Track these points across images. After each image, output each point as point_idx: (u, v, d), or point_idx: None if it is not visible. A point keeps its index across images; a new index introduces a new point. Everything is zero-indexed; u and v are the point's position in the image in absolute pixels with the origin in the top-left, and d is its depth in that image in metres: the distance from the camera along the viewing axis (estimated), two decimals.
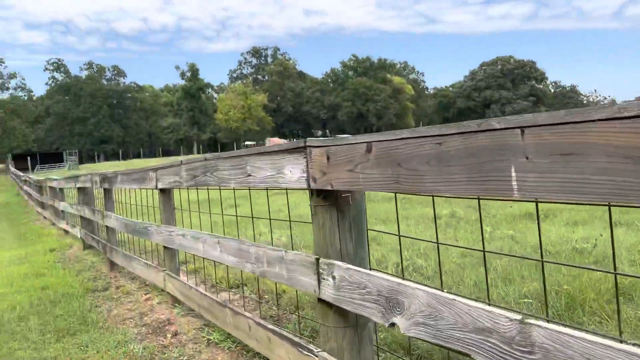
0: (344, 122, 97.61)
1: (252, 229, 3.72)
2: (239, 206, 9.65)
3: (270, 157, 2.34)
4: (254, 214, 2.91)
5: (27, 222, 13.76)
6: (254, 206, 8.33)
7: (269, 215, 2.84)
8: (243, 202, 9.50)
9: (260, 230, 7.60)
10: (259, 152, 2.44)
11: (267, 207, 2.77)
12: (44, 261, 7.52)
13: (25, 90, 77.08)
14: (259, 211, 9.67)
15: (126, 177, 5.09)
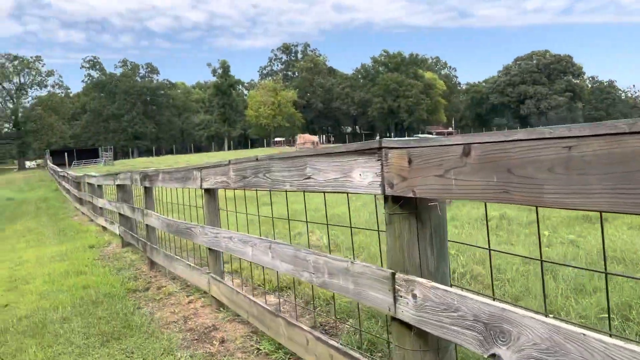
0: (374, 118, 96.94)
1: (289, 228, 3.53)
2: (273, 204, 9.51)
3: (335, 158, 2.14)
4: (282, 213, 2.72)
5: (66, 218, 13.95)
6: (283, 206, 8.16)
7: (326, 220, 2.64)
8: (275, 199, 9.33)
9: (299, 230, 7.43)
10: (322, 152, 2.24)
11: (304, 207, 2.58)
12: (84, 258, 7.52)
13: (63, 88, 79.06)
14: (294, 210, 9.53)
15: (168, 175, 4.97)
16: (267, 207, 7.96)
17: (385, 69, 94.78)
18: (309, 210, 8.29)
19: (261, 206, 6.41)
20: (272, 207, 3.71)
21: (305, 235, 6.92)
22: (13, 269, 7.38)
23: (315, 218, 8.28)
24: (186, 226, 4.47)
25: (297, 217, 9.05)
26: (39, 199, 21.47)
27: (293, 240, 6.77)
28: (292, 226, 7.54)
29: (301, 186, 2.45)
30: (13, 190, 29.61)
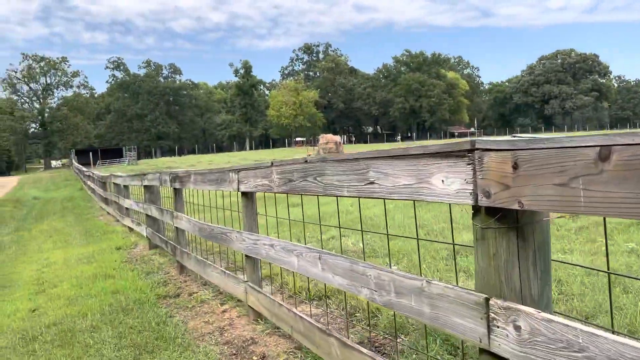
0: (395, 118, 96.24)
1: (320, 231, 3.26)
2: (298, 205, 9.27)
3: (409, 161, 1.86)
4: (309, 214, 2.45)
5: (92, 218, 13.93)
6: (312, 206, 7.88)
7: (361, 224, 2.37)
8: (303, 200, 9.10)
9: (331, 234, 7.16)
10: (391, 154, 1.97)
11: (337, 209, 2.31)
12: (112, 261, 7.37)
13: (88, 88, 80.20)
14: (323, 212, 9.28)
15: (201, 177, 4.75)
16: (293, 209, 7.70)
17: (407, 68, 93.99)
18: (335, 213, 8.04)
19: (285, 208, 6.15)
20: (302, 209, 3.47)
21: (337, 239, 6.65)
22: (41, 271, 7.27)
23: (347, 222, 8.01)
24: (221, 231, 4.24)
25: (327, 220, 8.80)
26: (64, 199, 21.62)
27: (326, 245, 6.51)
28: (322, 230, 7.28)
29: (362, 192, 2.18)
30: (39, 189, 29.97)
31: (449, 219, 6.49)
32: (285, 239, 6.29)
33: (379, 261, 5.25)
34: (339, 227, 2.81)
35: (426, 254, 5.03)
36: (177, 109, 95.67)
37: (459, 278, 4.29)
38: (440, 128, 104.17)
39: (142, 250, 8.26)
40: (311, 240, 6.54)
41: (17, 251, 9.70)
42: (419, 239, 2.11)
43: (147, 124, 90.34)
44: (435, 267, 4.58)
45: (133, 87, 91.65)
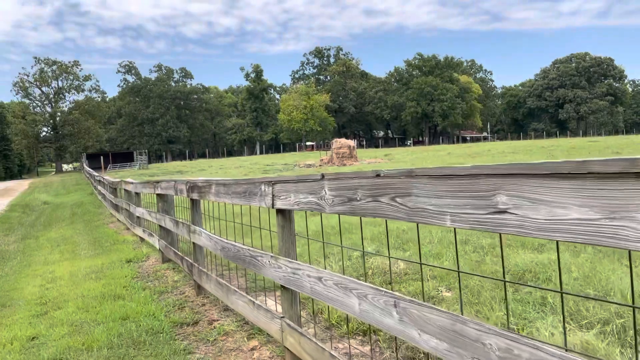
0: (407, 122, 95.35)
1: (342, 253, 2.58)
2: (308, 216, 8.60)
3: (587, 183, 1.18)
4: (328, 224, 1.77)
5: (102, 225, 13.34)
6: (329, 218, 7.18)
7: (419, 253, 1.68)
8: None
9: (350, 254, 6.47)
10: (547, 171, 1.28)
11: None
12: (121, 276, 6.73)
13: (99, 92, 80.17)
14: (348, 222, 8.61)
15: (224, 188, 4.09)
16: (311, 217, 7.05)
17: (420, 72, 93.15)
18: (365, 222, 7.22)
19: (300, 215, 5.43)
20: (340, 220, 2.78)
21: (372, 259, 5.98)
22: (45, 287, 6.64)
23: (377, 234, 7.32)
24: (250, 254, 3.57)
25: (352, 231, 8.12)
26: (74, 204, 21.11)
27: (356, 263, 5.82)
28: (345, 249, 6.58)
29: (483, 224, 1.50)
30: (50, 193, 29.55)
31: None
32: (304, 254, 5.60)
33: (427, 286, 4.55)
34: (388, 256, 2.13)
35: (485, 282, 4.33)
36: (187, 113, 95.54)
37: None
38: (453, 132, 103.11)
39: (155, 264, 7.62)
40: (330, 257, 5.88)
41: (21, 262, 9.10)
42: (459, 272, 1.42)
43: (158, 128, 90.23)
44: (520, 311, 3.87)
45: (144, 91, 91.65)
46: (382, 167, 23.44)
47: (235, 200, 3.84)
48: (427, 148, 56.64)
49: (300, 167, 34.34)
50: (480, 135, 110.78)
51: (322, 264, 5.69)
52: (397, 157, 36.36)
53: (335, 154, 34.57)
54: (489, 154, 29.67)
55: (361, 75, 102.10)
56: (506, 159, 23.01)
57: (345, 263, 5.84)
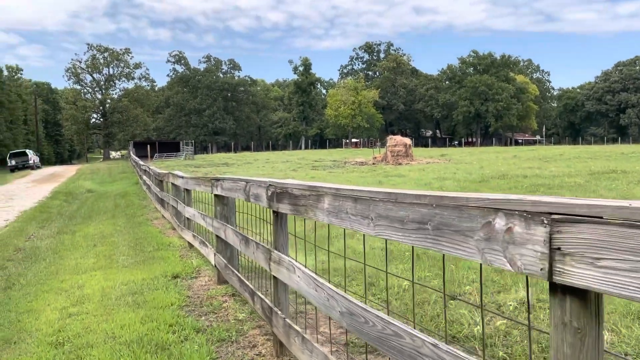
0: (458, 122, 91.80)
1: None
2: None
3: None
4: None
5: (145, 222, 11.86)
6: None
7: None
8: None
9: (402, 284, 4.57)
10: None
11: None
12: (166, 304, 5.05)
13: (149, 80, 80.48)
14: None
15: (356, 206, 2.26)
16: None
17: (474, 70, 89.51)
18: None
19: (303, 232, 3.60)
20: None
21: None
22: (67, 313, 5.03)
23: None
24: (411, 335, 1.72)
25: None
26: (118, 194, 19.94)
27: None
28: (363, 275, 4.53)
29: None
30: (95, 181, 28.78)
31: None
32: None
33: None
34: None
35: None
36: (234, 105, 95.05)
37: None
38: (505, 134, 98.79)
39: (208, 285, 5.93)
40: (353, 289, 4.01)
41: (49, 266, 7.62)
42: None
43: (205, 119, 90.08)
44: None
45: (192, 81, 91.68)
46: (441, 168, 21.03)
47: (388, 232, 2.01)
48: (485, 149, 53.66)
49: (352, 164, 32.47)
50: (533, 138, 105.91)
51: None
52: (455, 158, 33.96)
53: (390, 152, 32.50)
54: (562, 159, 26.98)
55: (412, 72, 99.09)
56: (586, 165, 20.46)
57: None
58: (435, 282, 5.03)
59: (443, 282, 1.92)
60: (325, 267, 5.20)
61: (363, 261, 2.55)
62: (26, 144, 62.84)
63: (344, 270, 3.06)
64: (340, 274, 5.49)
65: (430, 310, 4.28)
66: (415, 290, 4.81)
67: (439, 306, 4.36)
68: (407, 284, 4.90)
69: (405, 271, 5.59)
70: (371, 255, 6.51)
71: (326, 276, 3.09)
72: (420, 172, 21.17)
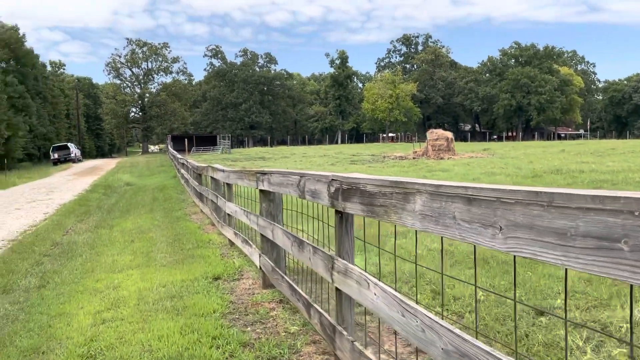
0: (498, 115, 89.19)
1: None
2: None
3: None
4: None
5: (183, 217, 11.50)
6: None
7: None
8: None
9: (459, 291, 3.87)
10: None
11: None
12: (208, 311, 4.55)
13: (186, 75, 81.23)
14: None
15: (473, 209, 1.65)
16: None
17: (516, 62, 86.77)
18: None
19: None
20: None
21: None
22: (101, 319, 4.60)
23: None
24: None
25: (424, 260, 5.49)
26: (156, 187, 19.80)
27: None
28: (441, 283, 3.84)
29: None
30: (133, 174, 28.92)
31: None
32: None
33: None
34: None
35: None
36: (270, 99, 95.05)
37: None
38: (547, 128, 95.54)
39: (252, 288, 5.41)
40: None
41: (85, 263, 7.28)
42: None
43: (241, 113, 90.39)
44: None
45: (229, 75, 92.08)
46: (486, 163, 19.97)
47: (533, 249, 1.41)
48: (529, 143, 51.77)
49: (392, 159, 31.65)
50: (577, 132, 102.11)
51: None
52: (499, 152, 32.68)
53: (431, 146, 31.51)
54: (615, 153, 25.49)
55: (451, 65, 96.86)
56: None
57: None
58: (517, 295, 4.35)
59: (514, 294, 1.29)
60: (376, 270, 4.62)
61: (442, 270, 1.95)
62: (68, 137, 64.32)
63: (416, 278, 2.46)
64: (391, 279, 4.90)
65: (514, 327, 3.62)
66: (492, 302, 4.16)
67: (524, 323, 3.70)
68: (482, 294, 4.26)
69: (472, 277, 4.93)
70: (429, 258, 5.88)
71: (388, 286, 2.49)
72: (465, 167, 20.26)
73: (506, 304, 4.05)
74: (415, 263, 2.45)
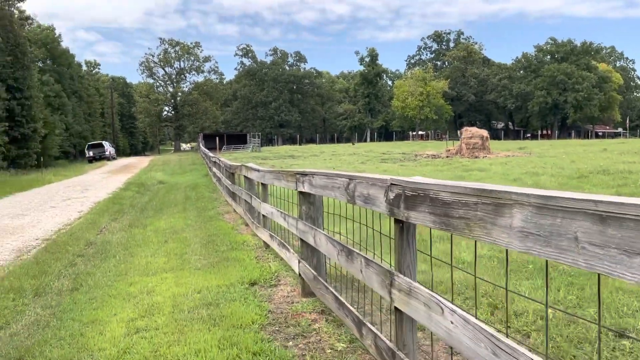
0: (532, 113, 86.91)
1: None
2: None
3: None
4: None
5: (216, 216, 11.31)
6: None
7: None
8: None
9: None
10: None
11: None
12: (247, 322, 4.26)
13: (217, 74, 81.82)
14: None
15: (610, 231, 1.28)
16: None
17: (552, 58, 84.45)
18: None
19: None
20: None
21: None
22: (134, 328, 4.36)
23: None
24: None
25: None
26: (188, 186, 19.76)
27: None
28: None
29: None
30: (166, 172, 29.08)
31: None
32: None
33: None
34: None
35: None
36: (299, 98, 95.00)
37: None
38: (583, 126, 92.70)
39: (292, 296, 5.10)
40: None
41: (118, 265, 7.10)
42: None
43: (271, 112, 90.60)
44: None
45: (259, 74, 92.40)
46: (525, 162, 19.19)
47: None
48: (567, 142, 50.17)
49: (424, 157, 31.02)
50: (615, 131, 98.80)
51: None
52: (536, 151, 31.65)
53: (465, 145, 30.74)
54: None
55: (483, 61, 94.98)
56: None
57: None
58: (587, 311, 3.91)
59: None
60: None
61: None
62: (103, 135, 65.53)
63: (476, 293, 2.10)
64: (441, 289, 4.50)
65: (593, 353, 3.20)
66: (561, 319, 3.74)
67: (603, 345, 3.28)
68: (550, 312, 3.84)
69: (534, 290, 4.51)
70: (479, 266, 5.46)
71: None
72: (503, 166, 19.58)
73: (578, 323, 3.62)
74: (474, 276, 2.08)
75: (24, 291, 5.85)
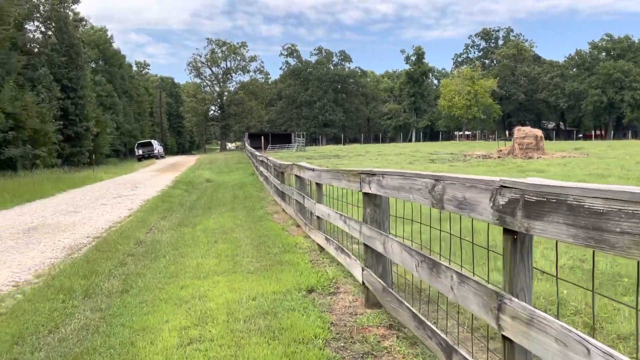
0: (586, 112, 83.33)
1: None
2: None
3: None
4: None
5: (265, 216, 11.02)
6: None
7: None
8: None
9: None
10: None
11: None
12: (309, 336, 3.86)
13: (263, 74, 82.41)
14: None
15: None
16: None
17: (607, 55, 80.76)
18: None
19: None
20: None
21: None
22: (187, 338, 4.03)
23: None
24: None
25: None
26: (235, 184, 19.67)
27: None
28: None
29: None
30: (213, 170, 29.24)
31: None
32: None
33: None
34: None
35: None
36: (344, 97, 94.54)
37: None
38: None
39: (354, 306, 4.68)
40: None
41: (168, 266, 6.86)
42: None
43: (315, 111, 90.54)
44: None
45: (304, 74, 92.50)
46: (584, 163, 17.99)
47: None
48: (626, 143, 47.60)
49: (474, 157, 30.00)
50: None
51: None
52: (594, 152, 30.07)
53: (518, 145, 29.55)
54: None
55: (534, 59, 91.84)
56: None
57: None
58: None
59: None
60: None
61: None
62: (152, 134, 67.05)
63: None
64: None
65: None
66: None
67: None
68: None
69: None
70: (562, 276, 4.87)
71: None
72: (562, 167, 18.55)
73: None
74: (592, 291, 1.59)
75: (74, 292, 5.66)
